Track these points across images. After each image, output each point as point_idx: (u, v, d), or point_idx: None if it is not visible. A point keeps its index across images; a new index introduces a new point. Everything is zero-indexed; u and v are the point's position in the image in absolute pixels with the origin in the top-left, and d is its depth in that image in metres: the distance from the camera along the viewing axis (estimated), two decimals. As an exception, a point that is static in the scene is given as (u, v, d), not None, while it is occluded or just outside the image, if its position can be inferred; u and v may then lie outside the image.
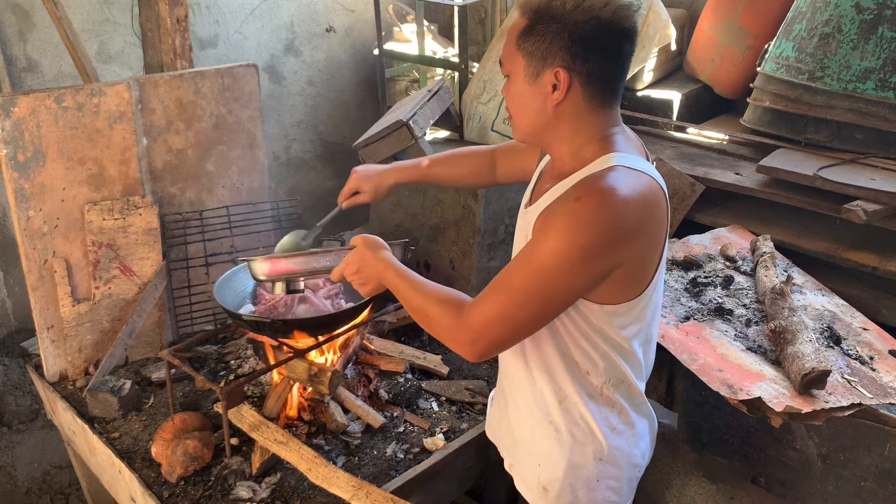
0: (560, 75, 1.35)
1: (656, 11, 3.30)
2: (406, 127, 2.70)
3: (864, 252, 2.43)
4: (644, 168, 1.39)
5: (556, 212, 1.34)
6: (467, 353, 1.40)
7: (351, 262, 1.58)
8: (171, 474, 2.04)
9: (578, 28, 1.32)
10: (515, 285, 1.34)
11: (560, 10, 1.33)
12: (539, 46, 1.36)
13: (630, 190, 1.31)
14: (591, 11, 1.31)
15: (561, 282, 1.32)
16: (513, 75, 1.43)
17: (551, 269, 1.30)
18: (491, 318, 1.36)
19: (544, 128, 1.44)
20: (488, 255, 2.71)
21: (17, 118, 2.28)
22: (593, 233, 1.28)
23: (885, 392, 1.89)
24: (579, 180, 1.37)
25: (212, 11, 3.72)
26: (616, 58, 1.37)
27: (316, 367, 2.15)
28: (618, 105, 1.45)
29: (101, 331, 2.52)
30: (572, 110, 1.40)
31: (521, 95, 1.43)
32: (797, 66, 2.73)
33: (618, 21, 1.33)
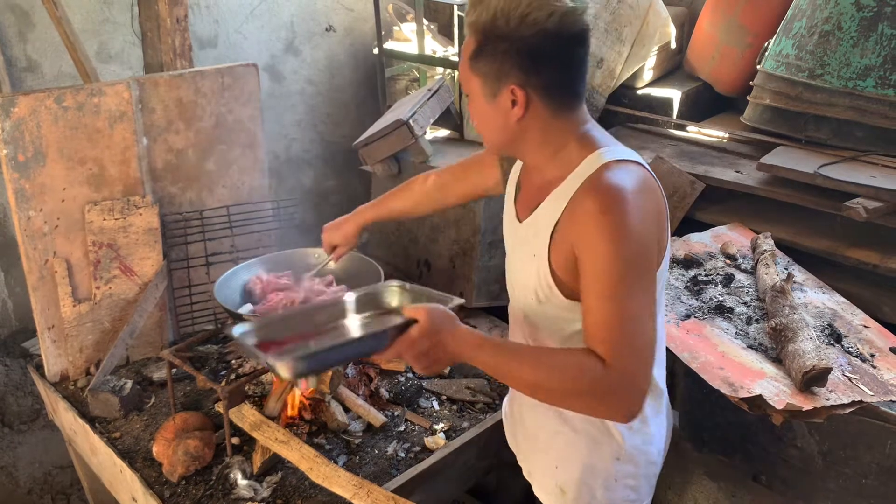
0: (516, 92, 1.34)
1: (656, 10, 3.30)
2: (406, 126, 2.71)
3: (865, 249, 2.43)
4: (629, 156, 1.40)
5: (587, 232, 1.30)
6: (637, 402, 1.29)
7: (415, 342, 1.32)
8: (173, 474, 2.04)
9: (526, 43, 1.30)
10: (626, 306, 1.28)
11: (505, 27, 1.30)
12: (491, 66, 1.34)
13: (635, 182, 1.33)
14: (536, 25, 1.29)
15: (648, 276, 1.32)
16: (471, 95, 1.42)
17: (634, 276, 1.29)
18: (635, 352, 1.28)
19: (513, 141, 1.43)
20: (489, 253, 2.71)
21: (17, 118, 2.28)
22: (637, 233, 1.29)
23: (885, 389, 1.89)
24: (584, 186, 1.35)
25: (211, 11, 3.72)
26: (570, 64, 1.35)
27: (317, 367, 2.15)
28: (583, 103, 1.43)
29: (102, 331, 2.52)
30: (537, 122, 1.39)
31: (483, 114, 1.42)
32: (797, 64, 2.73)
33: (565, 29, 1.30)
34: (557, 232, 1.38)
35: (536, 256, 1.43)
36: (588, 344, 1.31)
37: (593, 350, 1.29)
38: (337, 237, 2.08)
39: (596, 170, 1.35)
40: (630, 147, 1.45)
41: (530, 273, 1.46)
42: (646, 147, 3.11)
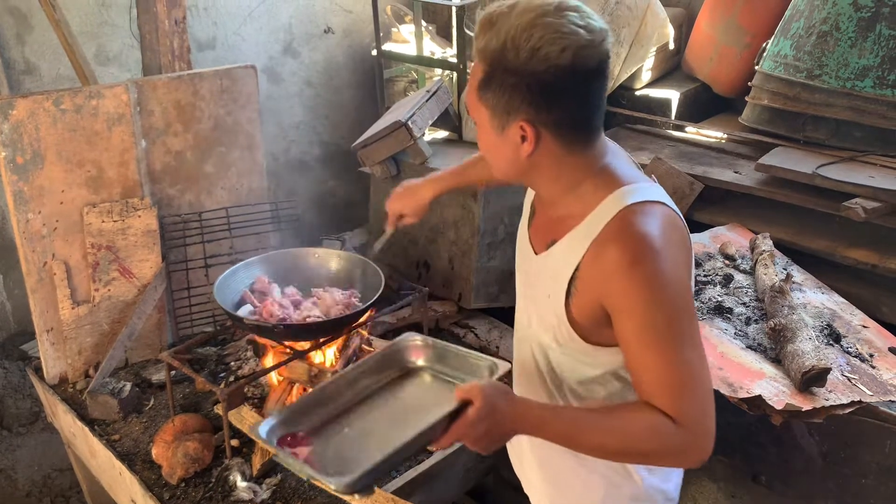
0: (525, 129, 1.25)
1: (654, 11, 3.30)
2: (405, 127, 2.70)
3: (864, 250, 2.43)
4: (651, 195, 1.30)
5: (620, 286, 1.23)
6: (709, 449, 1.23)
7: (473, 426, 1.24)
8: (172, 476, 2.04)
9: (537, 79, 1.20)
10: (678, 354, 1.23)
11: (514, 60, 1.20)
12: (500, 100, 1.25)
13: (661, 226, 1.26)
14: (549, 60, 1.18)
15: (691, 320, 1.26)
16: (479, 124, 1.34)
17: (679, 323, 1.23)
18: (698, 402, 1.23)
19: (523, 173, 1.35)
20: (488, 254, 2.71)
21: (15, 121, 2.28)
22: (672, 280, 1.23)
23: (885, 389, 1.89)
24: (607, 233, 1.26)
25: (210, 13, 3.72)
26: (585, 100, 1.26)
27: (316, 368, 2.15)
28: (600, 135, 1.34)
29: (101, 333, 2.52)
30: (549, 157, 1.30)
31: (491, 146, 1.34)
32: (795, 65, 2.73)
33: (580, 64, 1.20)
34: (578, 279, 1.31)
35: (551, 298, 1.36)
36: (646, 399, 1.25)
37: (656, 406, 1.23)
38: (409, 205, 1.90)
39: (618, 213, 1.26)
40: (629, 148, 1.42)
41: (546, 314, 1.40)
42: (644, 148, 3.11)
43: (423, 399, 1.56)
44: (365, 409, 1.51)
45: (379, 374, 1.58)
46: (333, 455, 1.39)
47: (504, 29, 1.21)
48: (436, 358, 1.60)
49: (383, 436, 1.40)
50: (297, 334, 2.18)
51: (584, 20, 1.20)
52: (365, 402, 1.53)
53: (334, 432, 1.44)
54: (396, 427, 1.42)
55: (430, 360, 1.62)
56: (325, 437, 1.43)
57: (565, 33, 1.18)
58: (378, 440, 1.40)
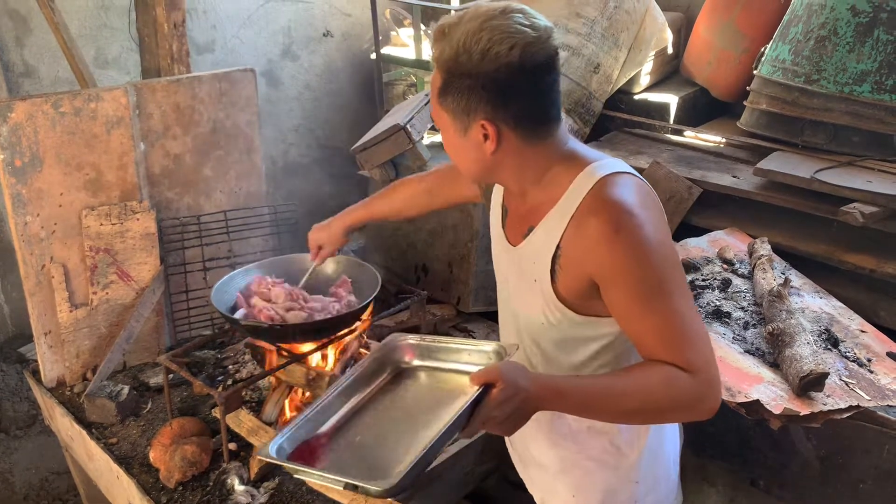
0: (486, 127, 1.31)
1: (653, 15, 3.31)
2: (403, 131, 2.71)
3: (862, 254, 2.44)
4: (618, 165, 1.37)
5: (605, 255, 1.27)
6: (719, 396, 1.28)
7: (499, 408, 1.22)
8: (170, 479, 2.04)
9: (490, 78, 1.27)
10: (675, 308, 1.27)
11: (468, 63, 1.27)
12: (459, 103, 1.31)
13: (635, 193, 1.31)
14: (499, 59, 1.25)
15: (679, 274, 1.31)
16: (442, 129, 1.40)
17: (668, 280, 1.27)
18: (700, 347, 1.27)
19: (489, 172, 1.41)
20: (486, 258, 2.71)
21: (14, 123, 2.28)
22: (655, 240, 1.27)
23: (883, 394, 1.89)
24: (585, 206, 1.32)
25: (209, 16, 3.72)
26: (539, 93, 1.32)
27: (314, 372, 2.15)
28: (560, 124, 1.39)
29: (99, 336, 2.52)
30: (512, 152, 1.36)
31: (456, 148, 1.40)
32: (793, 69, 2.73)
33: (528, 60, 1.26)
34: (561, 257, 1.35)
35: (538, 282, 1.40)
36: (651, 357, 1.28)
37: (663, 360, 1.26)
38: (323, 237, 2.10)
39: (592, 187, 1.32)
40: (627, 152, 1.45)
41: (534, 299, 1.43)
42: (643, 152, 3.11)
43: (431, 393, 1.54)
44: (371, 414, 1.49)
45: (374, 380, 1.57)
46: (354, 463, 1.36)
47: (455, 36, 1.28)
48: (430, 354, 1.59)
49: (402, 436, 1.39)
50: (293, 335, 2.18)
51: (528, 20, 1.27)
52: (368, 409, 1.51)
53: (347, 442, 1.41)
54: (412, 425, 1.41)
55: (423, 357, 1.61)
56: (339, 447, 1.40)
57: (511, 33, 1.25)
58: (398, 442, 1.38)
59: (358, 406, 1.51)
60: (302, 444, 1.39)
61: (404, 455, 1.26)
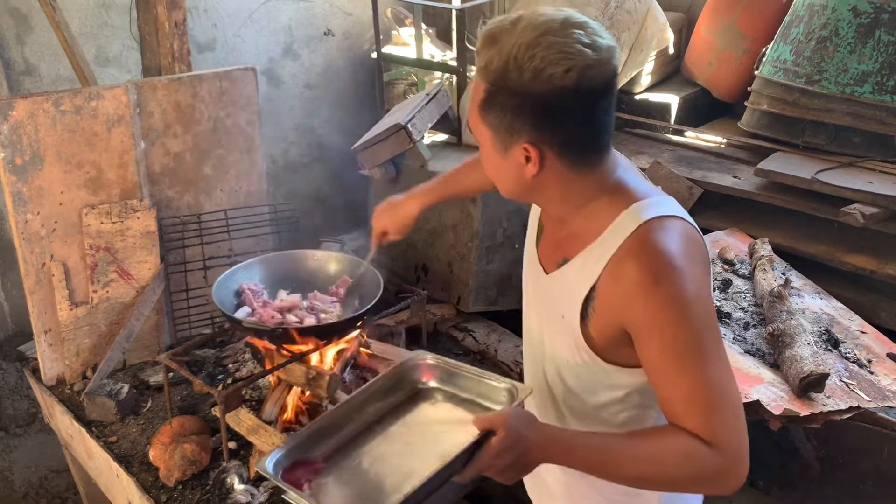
0: (529, 150, 1.20)
1: (654, 15, 3.31)
2: (404, 130, 2.71)
3: (862, 255, 2.44)
4: (667, 207, 1.26)
5: (641, 307, 1.19)
6: (745, 472, 1.19)
7: (499, 456, 1.20)
8: (169, 478, 2.04)
9: (540, 100, 1.16)
10: (708, 374, 1.18)
11: (517, 81, 1.15)
12: (502, 121, 1.20)
13: (680, 241, 1.22)
14: (552, 81, 1.13)
15: (716, 336, 1.22)
16: (482, 144, 1.29)
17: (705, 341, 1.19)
18: (730, 420, 1.18)
19: (529, 193, 1.31)
20: (486, 258, 2.71)
21: (14, 122, 2.28)
22: (695, 297, 1.18)
23: (883, 395, 1.89)
24: (625, 251, 1.22)
25: (210, 15, 3.72)
26: (591, 121, 1.21)
27: (314, 371, 2.15)
28: (609, 153, 1.28)
29: (99, 334, 2.52)
30: (555, 178, 1.25)
31: (495, 165, 1.29)
32: (795, 70, 2.73)
33: (585, 85, 1.15)
34: (596, 300, 1.26)
35: (566, 318, 1.31)
36: (675, 422, 1.20)
37: (686, 428, 1.18)
38: (393, 223, 1.86)
39: (635, 230, 1.22)
40: (628, 152, 1.41)
41: (562, 334, 1.35)
42: (644, 152, 3.11)
43: (437, 424, 1.51)
44: (377, 436, 1.46)
45: (388, 397, 1.54)
46: (347, 491, 1.36)
47: (507, 47, 1.16)
48: (447, 378, 1.55)
49: (399, 467, 1.37)
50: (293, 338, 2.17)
51: (590, 38, 1.15)
52: (376, 429, 1.48)
53: (347, 464, 1.39)
54: (412, 457, 1.40)
55: (441, 381, 1.57)
56: (339, 470, 1.38)
57: (570, 53, 1.13)
58: (395, 472, 1.36)
59: (366, 425, 1.48)
60: (301, 460, 1.37)
61: (394, 492, 1.23)
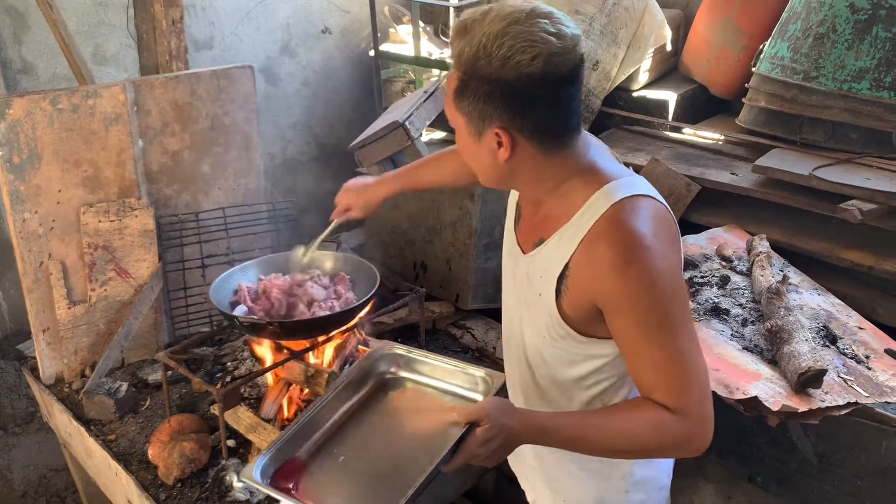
0: (501, 135, 1.27)
1: (651, 12, 3.31)
2: (402, 128, 2.71)
3: (860, 251, 2.44)
4: (637, 187, 1.31)
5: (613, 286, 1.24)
6: (710, 436, 1.27)
7: (485, 445, 1.28)
8: (168, 476, 2.04)
9: (509, 87, 1.21)
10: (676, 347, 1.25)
11: (487, 68, 1.21)
12: (475, 107, 1.26)
13: (651, 221, 1.26)
14: (520, 68, 1.19)
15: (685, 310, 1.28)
16: (458, 132, 1.35)
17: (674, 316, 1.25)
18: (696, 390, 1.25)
19: (505, 178, 1.36)
20: (485, 255, 2.71)
21: (12, 120, 2.28)
22: (665, 275, 1.24)
23: (881, 391, 1.89)
24: (596, 230, 1.27)
25: (207, 13, 3.72)
26: (559, 105, 1.26)
27: (312, 369, 2.15)
28: (579, 135, 1.33)
29: (98, 333, 2.52)
30: (527, 161, 1.31)
31: (470, 152, 1.35)
32: (792, 66, 2.73)
33: (551, 71, 1.20)
34: (569, 277, 1.32)
35: (543, 297, 1.37)
36: (645, 392, 1.28)
37: (656, 400, 1.26)
38: (358, 200, 1.97)
39: (607, 210, 1.27)
40: (626, 149, 1.42)
41: (539, 312, 1.40)
42: (641, 149, 3.11)
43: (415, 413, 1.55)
44: (355, 430, 1.49)
45: (360, 389, 1.57)
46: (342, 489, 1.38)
47: (477, 36, 1.22)
48: (417, 368, 1.58)
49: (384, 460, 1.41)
50: (291, 332, 2.17)
51: (555, 27, 1.21)
52: (352, 423, 1.51)
53: (330, 461, 1.42)
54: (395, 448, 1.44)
55: (411, 370, 1.60)
56: (325, 466, 1.41)
57: (535, 41, 1.19)
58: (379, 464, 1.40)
59: (342, 419, 1.52)
60: (287, 463, 1.40)
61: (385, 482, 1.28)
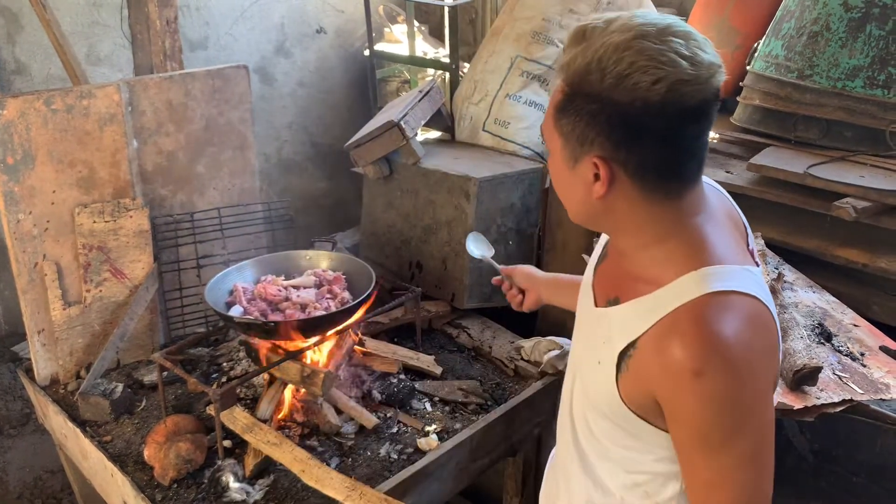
0: (599, 166, 1.09)
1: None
2: (397, 127, 2.70)
3: (855, 249, 2.44)
4: (742, 283, 1.09)
5: (677, 391, 1.08)
6: None
7: None
8: (164, 477, 2.03)
9: (619, 111, 1.03)
10: (730, 479, 1.11)
11: (597, 85, 1.04)
12: (575, 127, 1.09)
13: (742, 327, 1.06)
14: (636, 91, 1.01)
15: (755, 432, 1.11)
16: (552, 153, 1.18)
17: (737, 442, 1.09)
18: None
19: (595, 217, 1.18)
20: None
21: (6, 121, 2.27)
22: (739, 399, 1.06)
23: (876, 388, 1.90)
24: (675, 320, 1.08)
25: (202, 13, 3.71)
26: (675, 144, 1.07)
27: (308, 369, 2.15)
28: (695, 188, 1.14)
29: (93, 334, 2.51)
30: (625, 204, 1.12)
31: (562, 179, 1.18)
32: (786, 65, 2.74)
33: (674, 102, 1.02)
34: (632, 358, 1.14)
35: (602, 365, 1.20)
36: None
37: None
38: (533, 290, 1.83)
39: (695, 300, 1.07)
40: None
41: (596, 379, 1.23)
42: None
43: None
44: None
45: None
46: None
47: (594, 46, 1.04)
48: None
49: None
50: (287, 331, 2.18)
51: (690, 49, 1.03)
52: None
53: None
54: None
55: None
56: None
57: (662, 62, 1.01)
58: None
59: None
60: None
61: None
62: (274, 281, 2.39)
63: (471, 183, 2.62)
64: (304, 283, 2.39)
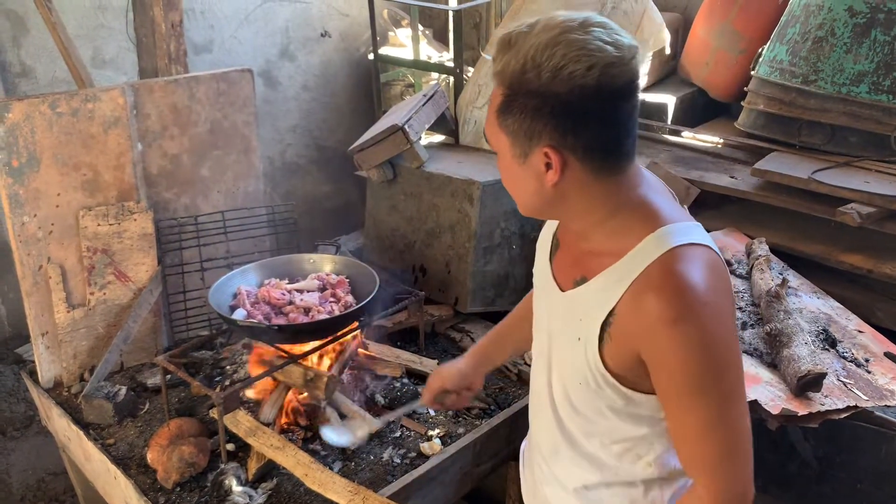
0: (550, 155, 1.16)
1: (650, 16, 3.31)
2: (401, 131, 2.70)
3: (859, 255, 2.44)
4: (694, 234, 1.21)
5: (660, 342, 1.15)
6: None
7: None
8: (167, 480, 2.03)
9: (560, 101, 1.12)
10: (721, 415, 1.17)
11: (535, 81, 1.12)
12: (521, 125, 1.16)
13: (707, 274, 1.16)
14: (573, 80, 1.09)
15: (736, 375, 1.20)
16: (500, 153, 1.25)
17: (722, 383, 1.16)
18: (738, 466, 1.19)
19: (549, 205, 1.25)
20: (484, 258, 2.70)
21: (11, 124, 2.28)
22: (719, 337, 1.16)
23: (880, 394, 1.89)
24: (647, 278, 1.17)
25: (207, 17, 3.72)
26: (614, 123, 1.16)
27: (312, 372, 2.15)
28: (632, 161, 1.23)
29: (96, 337, 2.51)
30: (576, 186, 1.20)
31: (513, 175, 1.25)
32: (791, 70, 2.74)
33: (607, 84, 1.11)
34: (613, 326, 1.21)
35: (583, 341, 1.26)
36: (683, 463, 1.24)
37: (689, 476, 1.23)
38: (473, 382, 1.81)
39: (660, 257, 1.17)
40: None
41: (576, 356, 1.29)
42: (640, 153, 3.11)
43: None
44: None
45: None
46: None
47: (524, 49, 1.12)
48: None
49: None
50: (291, 336, 2.18)
51: (611, 36, 1.12)
52: None
53: None
54: None
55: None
56: None
57: (591, 50, 1.09)
58: None
59: None
60: None
61: None
62: (277, 284, 2.39)
63: (474, 187, 2.62)
64: (308, 286, 2.40)
